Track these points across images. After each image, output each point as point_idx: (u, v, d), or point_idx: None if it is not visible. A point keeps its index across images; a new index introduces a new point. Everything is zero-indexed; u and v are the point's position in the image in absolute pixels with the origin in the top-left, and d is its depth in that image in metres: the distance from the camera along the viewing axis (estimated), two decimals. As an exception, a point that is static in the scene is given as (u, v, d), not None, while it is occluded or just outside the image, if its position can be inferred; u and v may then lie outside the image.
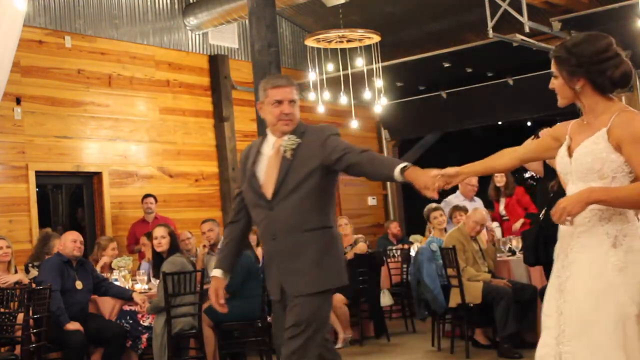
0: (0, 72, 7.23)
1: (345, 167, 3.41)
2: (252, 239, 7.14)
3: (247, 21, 7.80)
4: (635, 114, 2.73)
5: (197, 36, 10.76)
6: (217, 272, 3.66)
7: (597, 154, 2.72)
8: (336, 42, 9.82)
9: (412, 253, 8.35)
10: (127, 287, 6.61)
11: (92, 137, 9.35)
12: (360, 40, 9.82)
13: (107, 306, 6.45)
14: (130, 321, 6.28)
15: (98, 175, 9.41)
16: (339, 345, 7.60)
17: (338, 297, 7.64)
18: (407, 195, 13.32)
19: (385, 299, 7.98)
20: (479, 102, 11.72)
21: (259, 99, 3.67)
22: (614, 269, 2.67)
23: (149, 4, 10.19)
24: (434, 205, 7.86)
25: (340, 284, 3.52)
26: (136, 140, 9.83)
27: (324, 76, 10.39)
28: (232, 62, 10.98)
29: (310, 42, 9.93)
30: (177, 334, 5.88)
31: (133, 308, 6.35)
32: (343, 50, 10.29)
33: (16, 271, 6.45)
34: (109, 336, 6.12)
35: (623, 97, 10.46)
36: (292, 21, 12.07)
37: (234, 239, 3.71)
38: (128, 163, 9.71)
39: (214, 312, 5.66)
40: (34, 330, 5.61)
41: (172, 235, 6.20)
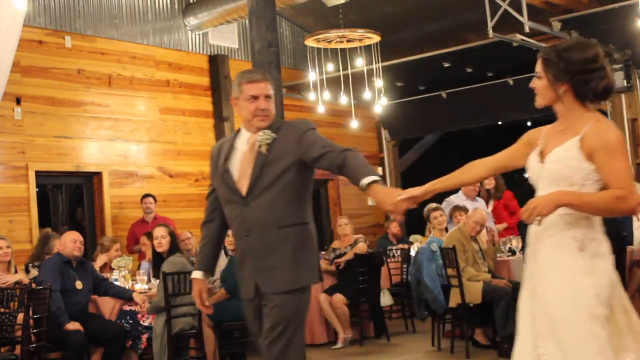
0: (0, 72, 7.23)
1: (325, 166, 3.32)
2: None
3: (247, 21, 7.80)
4: (609, 125, 2.77)
5: (197, 36, 10.76)
6: (198, 274, 3.57)
7: (568, 162, 2.76)
8: (336, 42, 9.82)
9: (412, 253, 8.35)
10: (127, 287, 6.61)
11: (92, 137, 9.35)
12: (360, 40, 9.82)
13: (107, 306, 6.45)
14: (130, 321, 6.28)
15: (98, 175, 9.41)
16: (339, 345, 7.60)
17: (338, 297, 7.64)
18: (407, 195, 13.30)
19: (385, 299, 7.98)
20: (479, 102, 11.72)
21: (233, 95, 3.54)
22: (581, 273, 2.71)
23: (149, 4, 10.19)
24: (434, 205, 7.86)
25: (316, 280, 3.47)
26: (136, 140, 9.83)
27: (324, 76, 10.39)
28: (232, 62, 10.98)
29: (310, 42, 9.93)
30: (177, 334, 5.88)
31: (133, 308, 6.35)
32: (343, 50, 10.29)
33: (16, 271, 6.45)
34: (109, 336, 6.12)
35: (623, 96, 10.46)
36: (292, 21, 12.06)
37: (212, 239, 3.60)
38: (128, 163, 9.71)
39: (215, 312, 5.66)
40: (34, 330, 5.61)
41: (173, 235, 6.20)
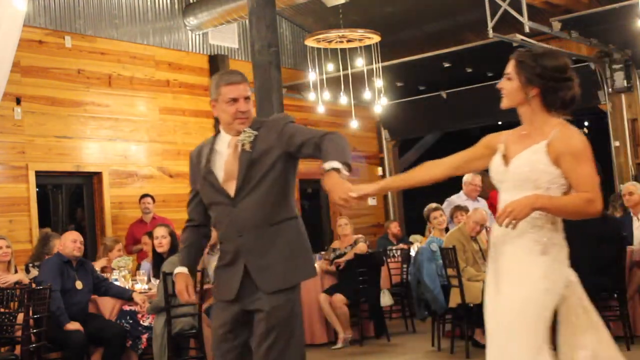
0: (0, 72, 7.23)
1: (309, 153, 3.29)
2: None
3: (247, 21, 7.80)
4: (576, 130, 2.85)
5: (197, 36, 10.76)
6: (183, 269, 3.46)
7: (535, 165, 2.82)
8: (336, 42, 9.82)
9: (412, 253, 8.35)
10: (127, 287, 6.61)
11: (92, 137, 9.35)
12: (360, 40, 9.83)
13: (107, 306, 6.45)
14: (130, 321, 6.28)
15: (98, 175, 9.41)
16: (339, 345, 7.60)
17: (338, 297, 7.64)
18: (407, 195, 13.33)
19: (385, 299, 7.97)
20: (479, 102, 11.69)
21: (211, 96, 3.46)
22: (540, 276, 2.78)
23: (149, 4, 10.19)
24: (434, 205, 7.86)
25: (314, 274, 3.47)
26: (136, 140, 9.83)
27: (324, 76, 10.39)
28: (232, 62, 10.98)
29: (310, 42, 9.93)
30: (177, 334, 5.88)
31: (133, 308, 6.35)
32: (343, 50, 10.29)
33: (16, 271, 6.45)
34: (109, 336, 6.11)
35: (623, 96, 10.47)
36: (292, 21, 12.07)
37: (194, 243, 3.53)
38: (128, 163, 9.71)
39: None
40: (34, 330, 5.61)
41: (173, 235, 6.20)
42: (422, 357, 6.91)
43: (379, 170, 12.97)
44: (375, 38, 9.68)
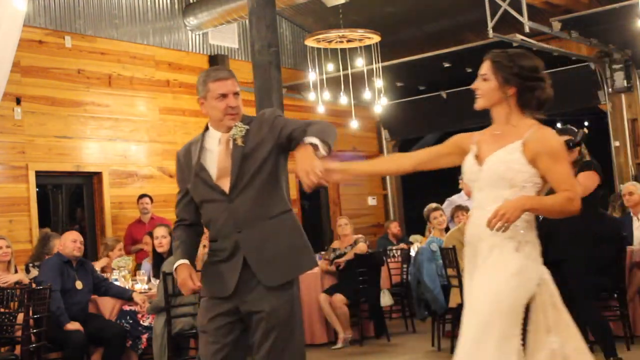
0: (0, 72, 7.23)
1: (290, 140, 3.28)
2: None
3: (247, 21, 7.80)
4: (551, 130, 2.90)
5: (197, 36, 10.76)
6: (183, 261, 3.39)
7: (510, 164, 2.86)
8: (336, 42, 9.83)
9: (412, 253, 8.35)
10: (127, 287, 6.62)
11: (92, 137, 9.35)
12: (360, 40, 9.83)
13: (107, 306, 6.45)
14: (130, 321, 6.29)
15: (98, 175, 9.41)
16: (339, 345, 7.60)
17: (338, 297, 7.64)
18: (407, 195, 13.33)
19: (385, 299, 7.97)
20: (479, 102, 11.71)
21: (198, 94, 3.43)
22: (512, 273, 2.83)
23: (149, 4, 10.19)
24: (434, 205, 7.86)
25: (315, 264, 3.47)
26: (136, 140, 9.83)
27: (324, 76, 10.39)
28: (232, 62, 10.98)
29: (310, 42, 9.93)
30: (177, 334, 5.88)
31: (133, 308, 6.35)
32: (343, 50, 10.29)
33: (16, 271, 6.45)
34: (109, 336, 6.12)
35: (623, 96, 10.47)
36: (292, 21, 12.07)
37: (188, 239, 3.47)
38: (128, 163, 9.71)
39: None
40: (34, 330, 5.61)
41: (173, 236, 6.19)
42: (422, 357, 6.91)
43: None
44: (375, 38, 9.68)
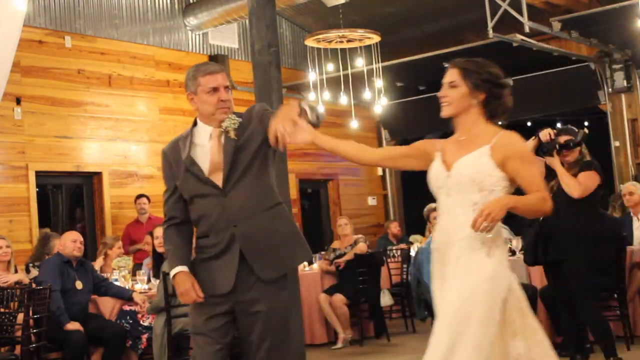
0: (0, 72, 7.23)
1: None
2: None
3: (247, 21, 7.80)
4: (517, 134, 2.99)
5: (197, 36, 10.76)
6: (182, 268, 3.32)
7: (479, 168, 2.90)
8: (336, 42, 9.82)
9: (412, 253, 8.35)
10: (127, 287, 6.62)
11: (92, 137, 9.35)
12: (360, 40, 9.83)
13: (107, 306, 6.45)
14: (130, 321, 6.29)
15: (98, 175, 9.40)
16: (339, 345, 7.60)
17: (338, 297, 7.64)
18: (407, 195, 13.32)
19: (385, 299, 7.98)
20: (479, 102, 11.71)
21: (188, 89, 3.38)
22: (486, 278, 2.83)
23: (149, 4, 10.19)
24: (433, 205, 7.82)
25: (310, 256, 3.52)
26: (136, 140, 9.83)
27: (324, 76, 10.39)
28: (232, 62, 10.98)
29: (310, 42, 9.93)
30: (177, 334, 5.88)
31: (133, 308, 6.35)
32: (343, 50, 10.29)
33: (16, 271, 6.45)
34: (109, 336, 6.12)
35: (623, 96, 10.47)
36: (292, 21, 12.06)
37: (182, 242, 3.40)
38: (128, 163, 9.70)
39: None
40: (34, 330, 5.61)
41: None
42: (422, 357, 6.89)
43: (379, 171, 12.97)
44: (375, 38, 9.68)
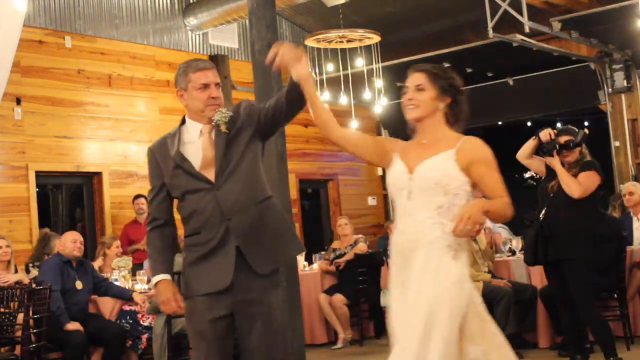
0: (0, 72, 7.23)
1: (278, 109, 3.26)
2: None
3: (247, 21, 7.80)
4: (481, 140, 3.03)
5: (197, 36, 10.76)
6: (165, 276, 3.33)
7: (445, 171, 2.91)
8: (336, 42, 9.82)
9: (412, 253, 8.33)
10: (127, 287, 6.62)
11: (92, 137, 9.34)
12: (360, 40, 9.82)
13: (107, 306, 6.45)
14: (130, 321, 6.29)
15: (98, 175, 9.40)
16: (339, 345, 7.60)
17: (338, 297, 7.64)
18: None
19: (386, 299, 7.97)
20: (479, 102, 11.66)
21: (178, 85, 3.36)
22: (454, 282, 2.84)
23: (149, 4, 10.19)
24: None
25: (302, 250, 3.49)
26: (136, 140, 9.83)
27: (324, 76, 10.40)
28: (232, 62, 10.98)
29: (310, 42, 9.93)
30: (177, 334, 5.88)
31: (133, 308, 6.35)
32: (343, 50, 10.29)
33: (16, 270, 6.45)
34: (109, 336, 6.12)
35: (623, 96, 10.47)
36: (292, 21, 12.07)
37: (165, 246, 3.39)
38: (128, 163, 9.70)
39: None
40: (34, 330, 5.61)
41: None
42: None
43: (379, 171, 12.97)
44: (375, 38, 9.68)
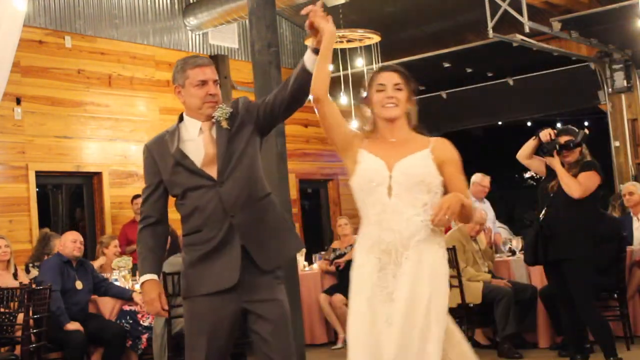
0: (0, 72, 7.23)
1: (279, 100, 3.22)
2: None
3: (247, 21, 7.80)
4: (449, 141, 3.09)
5: (197, 36, 10.76)
6: (152, 276, 3.27)
7: (427, 169, 2.96)
8: (336, 42, 9.80)
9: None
10: (127, 287, 6.62)
11: (92, 137, 9.35)
12: (360, 40, 9.82)
13: (107, 306, 6.45)
14: (130, 321, 6.29)
15: (98, 175, 9.41)
16: (339, 345, 7.60)
17: (338, 297, 7.64)
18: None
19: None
20: (479, 102, 11.72)
21: (175, 82, 3.35)
22: (446, 280, 2.96)
23: (149, 4, 10.19)
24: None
25: (302, 246, 3.55)
26: (136, 140, 9.82)
27: (324, 76, 10.38)
28: (232, 62, 10.98)
29: (310, 42, 9.92)
30: (177, 334, 5.87)
31: (133, 308, 6.35)
32: (343, 50, 10.29)
33: (16, 270, 6.45)
34: (109, 336, 6.12)
35: (623, 96, 10.47)
36: (292, 21, 12.07)
37: (152, 249, 3.34)
38: (128, 163, 9.71)
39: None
40: (34, 330, 5.61)
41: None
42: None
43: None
44: (375, 38, 9.67)
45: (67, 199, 9.78)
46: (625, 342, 6.18)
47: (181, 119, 3.40)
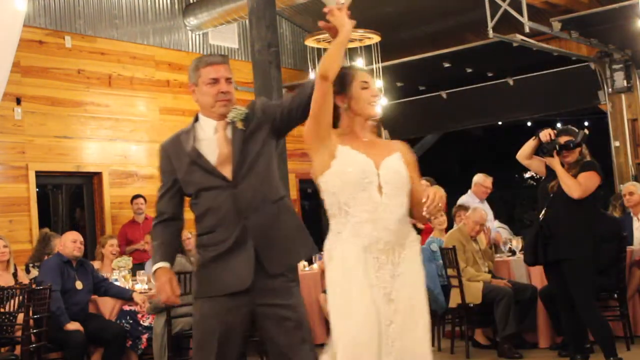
0: (0, 72, 7.23)
1: (287, 113, 3.21)
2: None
3: (247, 21, 7.80)
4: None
5: (197, 36, 10.76)
6: (164, 264, 3.22)
7: (405, 171, 3.00)
8: (336, 42, 9.81)
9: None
10: (127, 287, 6.62)
11: (92, 137, 9.35)
12: (360, 40, 9.82)
13: (107, 306, 6.45)
14: (130, 321, 6.29)
15: (98, 175, 9.41)
16: (339, 345, 7.59)
17: (338, 297, 7.64)
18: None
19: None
20: (479, 102, 11.71)
21: (190, 80, 3.32)
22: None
23: (149, 4, 10.20)
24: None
25: (316, 250, 3.48)
26: (136, 140, 9.83)
27: (324, 76, 10.38)
28: (232, 62, 10.89)
29: (310, 42, 9.93)
30: (177, 334, 5.88)
31: (133, 308, 6.35)
32: (343, 50, 10.28)
33: (15, 270, 6.45)
34: (109, 336, 6.12)
35: (623, 96, 10.47)
36: (292, 21, 12.07)
37: (165, 242, 3.29)
38: (128, 163, 9.71)
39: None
40: (34, 331, 5.61)
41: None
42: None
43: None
44: (375, 38, 9.67)
45: (67, 199, 9.79)
46: (625, 342, 6.18)
47: (197, 118, 3.36)
